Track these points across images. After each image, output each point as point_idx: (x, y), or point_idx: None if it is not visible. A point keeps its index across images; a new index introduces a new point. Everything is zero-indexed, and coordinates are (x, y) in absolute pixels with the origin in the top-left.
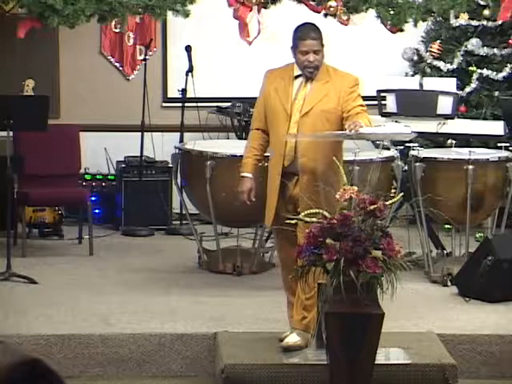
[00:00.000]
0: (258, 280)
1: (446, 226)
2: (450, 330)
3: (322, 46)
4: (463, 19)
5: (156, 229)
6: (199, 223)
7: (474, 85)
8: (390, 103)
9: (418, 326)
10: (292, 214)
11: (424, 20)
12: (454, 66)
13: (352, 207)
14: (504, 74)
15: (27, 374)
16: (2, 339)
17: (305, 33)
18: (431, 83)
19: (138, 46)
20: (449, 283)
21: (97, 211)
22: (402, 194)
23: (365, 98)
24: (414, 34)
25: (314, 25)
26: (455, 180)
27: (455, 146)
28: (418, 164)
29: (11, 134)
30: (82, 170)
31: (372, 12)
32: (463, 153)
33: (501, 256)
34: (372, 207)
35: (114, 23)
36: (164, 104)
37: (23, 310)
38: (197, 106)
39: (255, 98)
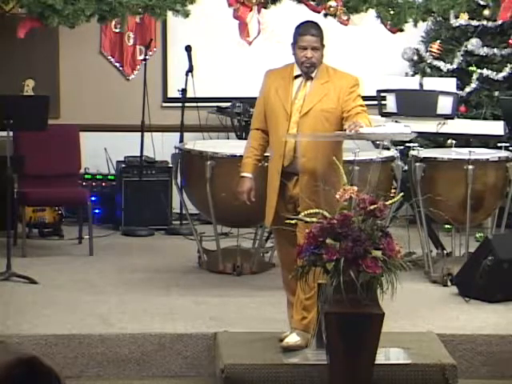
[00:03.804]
0: (258, 280)
1: (446, 226)
2: (449, 330)
3: (323, 45)
4: (463, 19)
5: (156, 229)
6: (199, 223)
7: (474, 85)
8: (390, 103)
9: (418, 326)
10: (292, 213)
11: (424, 20)
12: (454, 66)
13: (352, 207)
14: (504, 73)
15: (26, 373)
16: (2, 339)
17: (305, 29)
18: (431, 83)
19: (138, 46)
20: (449, 283)
21: (97, 211)
22: (401, 193)
23: (365, 98)
24: (414, 33)
25: (316, 23)
26: (455, 180)
27: (455, 146)
28: (418, 164)
29: (11, 134)
30: (82, 170)
31: (372, 12)
32: (463, 153)
33: (501, 256)
34: (372, 207)
35: (113, 23)
36: (164, 104)
37: (23, 309)
38: (197, 106)
39: (255, 98)
